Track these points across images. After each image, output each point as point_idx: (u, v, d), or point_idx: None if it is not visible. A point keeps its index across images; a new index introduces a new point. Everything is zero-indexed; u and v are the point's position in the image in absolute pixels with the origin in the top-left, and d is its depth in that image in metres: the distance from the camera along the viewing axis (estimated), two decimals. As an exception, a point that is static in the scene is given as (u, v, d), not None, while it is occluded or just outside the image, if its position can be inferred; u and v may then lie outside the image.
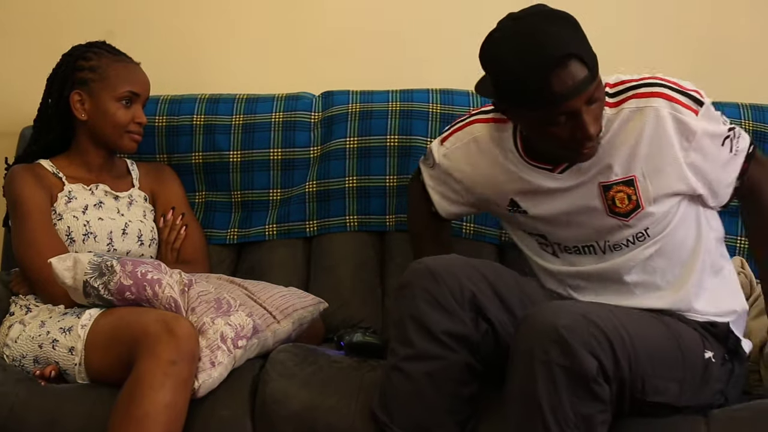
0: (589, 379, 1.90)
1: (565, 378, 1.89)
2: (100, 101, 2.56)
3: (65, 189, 2.56)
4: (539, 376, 1.90)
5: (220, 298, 2.30)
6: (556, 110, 1.99)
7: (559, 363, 1.89)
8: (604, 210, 2.16)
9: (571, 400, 1.90)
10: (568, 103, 1.98)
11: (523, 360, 1.93)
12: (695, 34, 2.97)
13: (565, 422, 1.89)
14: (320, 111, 2.84)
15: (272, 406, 2.20)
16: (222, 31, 3.04)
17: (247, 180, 2.83)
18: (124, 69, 2.59)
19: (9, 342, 2.36)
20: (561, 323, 1.91)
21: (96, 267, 2.26)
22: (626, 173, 2.13)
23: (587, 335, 1.91)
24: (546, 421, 1.89)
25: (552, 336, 1.91)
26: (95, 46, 2.62)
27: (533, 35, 1.98)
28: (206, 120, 2.83)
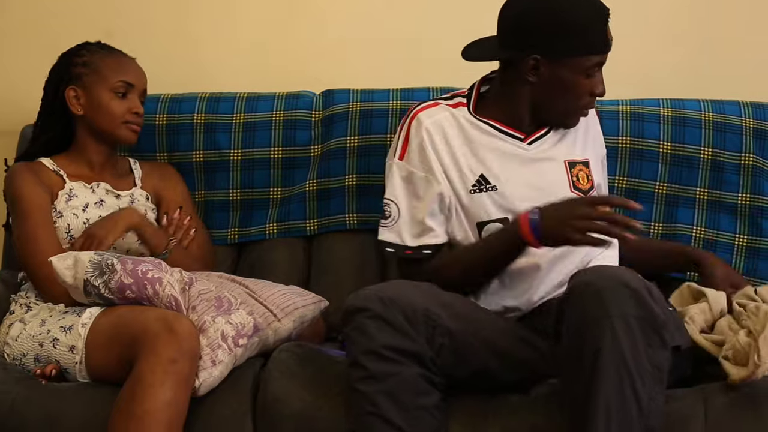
0: (659, 325, 1.94)
1: (641, 329, 1.92)
2: (94, 94, 2.57)
3: (66, 187, 2.56)
4: (620, 332, 1.91)
5: (221, 296, 2.30)
6: (599, 59, 2.25)
7: (634, 315, 1.92)
8: (568, 185, 2.33)
9: (647, 351, 1.92)
10: (605, 55, 2.26)
11: (599, 323, 1.93)
12: (696, 30, 2.97)
13: (646, 376, 1.92)
14: (321, 109, 2.84)
15: (273, 405, 2.20)
16: (222, 30, 3.04)
17: (248, 178, 2.83)
18: (115, 61, 2.60)
19: (9, 341, 2.36)
20: (625, 277, 1.96)
21: (96, 266, 2.25)
22: (583, 156, 2.38)
23: (645, 286, 1.97)
24: (632, 377, 1.91)
25: (623, 291, 1.94)
26: (89, 44, 2.63)
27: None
28: (207, 119, 2.83)
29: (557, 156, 2.35)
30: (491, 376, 2.17)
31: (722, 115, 2.73)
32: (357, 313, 2.06)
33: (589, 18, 2.23)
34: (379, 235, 2.38)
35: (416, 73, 2.85)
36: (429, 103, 2.40)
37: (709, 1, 2.99)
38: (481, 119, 2.34)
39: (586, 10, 2.23)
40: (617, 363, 1.91)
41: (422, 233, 2.33)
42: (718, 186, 2.72)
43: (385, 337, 2.03)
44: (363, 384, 2.04)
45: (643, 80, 2.93)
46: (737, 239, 2.72)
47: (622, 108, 2.76)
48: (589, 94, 2.28)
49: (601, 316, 1.93)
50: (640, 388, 1.91)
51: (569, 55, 2.24)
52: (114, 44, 2.65)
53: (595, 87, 2.27)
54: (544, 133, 2.36)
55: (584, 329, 1.95)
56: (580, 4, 2.24)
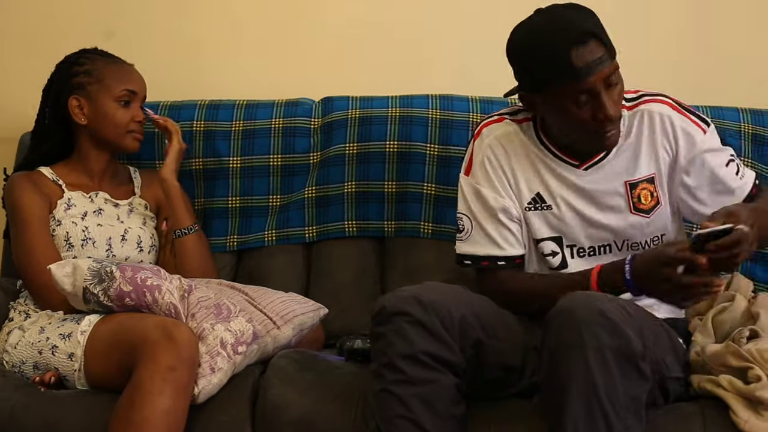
0: (637, 357, 1.93)
1: (615, 360, 1.91)
2: (98, 104, 2.57)
3: (65, 196, 2.56)
4: (593, 363, 1.90)
5: (220, 303, 2.30)
6: (578, 86, 2.11)
7: (609, 346, 1.91)
8: (628, 207, 2.28)
9: (623, 382, 1.91)
10: (588, 79, 2.11)
11: (572, 352, 1.92)
12: (694, 38, 2.98)
13: (620, 406, 1.90)
14: (320, 117, 2.84)
15: (273, 412, 2.20)
16: (222, 36, 3.04)
17: (247, 186, 2.83)
18: (119, 70, 2.60)
19: (8, 348, 2.36)
20: (603, 307, 1.94)
21: (95, 273, 2.26)
22: (649, 171, 2.27)
23: (625, 315, 1.95)
24: (604, 408, 1.89)
25: (599, 320, 1.92)
26: (87, 51, 2.63)
27: (558, 18, 2.15)
28: (206, 126, 2.83)
29: (615, 179, 2.27)
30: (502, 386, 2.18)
31: (721, 120, 2.73)
32: (395, 316, 2.04)
33: (550, 49, 2.12)
34: (456, 249, 2.37)
35: (415, 81, 2.85)
36: (494, 118, 2.37)
37: (707, 9, 2.99)
38: (542, 139, 2.30)
39: (548, 41, 2.13)
40: (587, 394, 1.90)
41: (494, 245, 2.32)
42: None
43: (425, 344, 2.02)
44: (398, 387, 2.02)
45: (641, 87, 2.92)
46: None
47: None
48: (591, 120, 2.15)
49: (575, 345, 1.92)
50: (614, 420, 1.90)
51: (546, 88, 2.16)
52: (113, 49, 2.65)
53: (596, 112, 2.14)
54: (601, 158, 2.27)
55: (558, 356, 1.95)
56: (542, 37, 2.14)
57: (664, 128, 2.26)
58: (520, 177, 2.31)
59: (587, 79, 2.11)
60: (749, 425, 2.04)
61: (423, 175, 2.76)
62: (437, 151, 2.76)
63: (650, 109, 2.28)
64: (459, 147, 2.72)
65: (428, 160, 2.76)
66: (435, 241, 2.75)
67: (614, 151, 2.26)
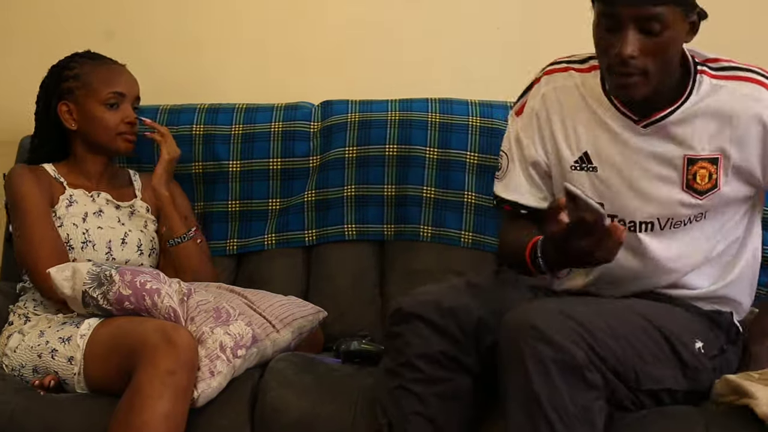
0: (581, 367, 1.89)
1: (558, 370, 1.88)
2: (86, 108, 2.57)
3: (66, 192, 2.57)
4: (533, 373, 1.88)
5: (219, 307, 2.30)
6: (605, 8, 2.01)
7: (550, 356, 1.88)
8: (680, 183, 2.14)
9: (569, 392, 1.88)
10: (616, 6, 1.99)
11: (514, 361, 1.91)
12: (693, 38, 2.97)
13: (566, 415, 1.88)
14: (319, 120, 2.84)
15: (271, 415, 2.20)
16: (222, 39, 3.04)
17: (247, 189, 2.83)
18: (105, 72, 2.59)
19: (8, 352, 2.36)
20: (536, 321, 1.91)
21: (95, 277, 2.26)
22: (714, 150, 2.11)
23: (566, 328, 1.91)
24: (548, 416, 1.87)
25: (533, 334, 1.89)
26: (78, 55, 2.63)
27: None
28: (206, 130, 2.83)
29: (674, 148, 2.12)
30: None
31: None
32: (413, 319, 2.04)
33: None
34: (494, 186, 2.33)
35: (415, 84, 2.85)
36: (559, 66, 2.25)
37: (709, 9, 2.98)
38: (605, 88, 2.16)
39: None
40: (528, 405, 1.88)
41: (519, 192, 2.26)
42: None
43: (443, 345, 2.02)
44: (416, 385, 2.02)
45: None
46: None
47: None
48: (607, 52, 2.03)
49: (514, 357, 1.91)
50: (561, 429, 1.88)
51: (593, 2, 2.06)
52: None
53: (613, 45, 2.01)
54: (663, 116, 2.12)
55: (502, 368, 1.95)
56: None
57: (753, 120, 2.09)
58: (570, 134, 2.20)
59: (615, 5, 2.00)
60: None
61: (422, 178, 2.76)
62: (437, 155, 2.76)
63: (740, 90, 2.11)
64: (459, 150, 2.74)
65: (428, 163, 2.76)
66: (434, 245, 2.74)
67: (679, 115, 2.11)
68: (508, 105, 2.76)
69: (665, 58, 2.04)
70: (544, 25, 2.98)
